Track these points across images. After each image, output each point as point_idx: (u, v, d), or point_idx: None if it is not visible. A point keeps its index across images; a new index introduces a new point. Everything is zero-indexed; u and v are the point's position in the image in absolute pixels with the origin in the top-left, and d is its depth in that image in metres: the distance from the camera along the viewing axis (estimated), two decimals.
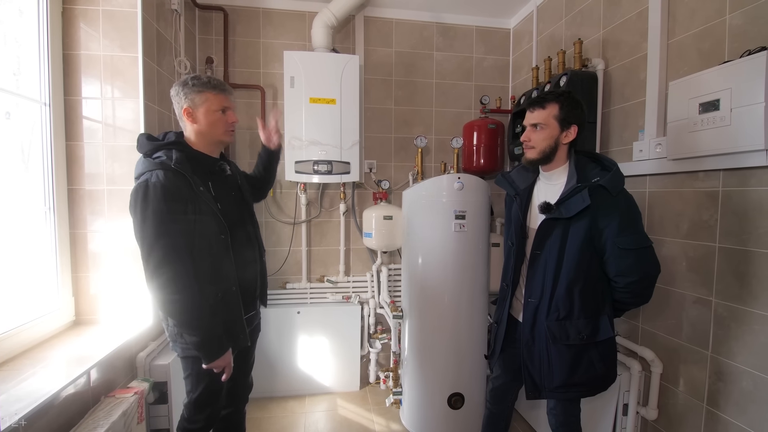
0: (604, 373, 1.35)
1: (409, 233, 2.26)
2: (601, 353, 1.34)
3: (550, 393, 1.38)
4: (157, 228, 1.20)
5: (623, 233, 1.23)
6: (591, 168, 1.31)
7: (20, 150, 1.58)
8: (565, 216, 1.27)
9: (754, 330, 1.34)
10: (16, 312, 1.50)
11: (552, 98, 1.33)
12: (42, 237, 1.65)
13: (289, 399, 2.62)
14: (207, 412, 1.42)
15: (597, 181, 1.24)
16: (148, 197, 1.20)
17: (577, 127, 1.32)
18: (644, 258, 1.26)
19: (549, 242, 1.33)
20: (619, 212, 1.24)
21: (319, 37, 2.49)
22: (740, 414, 1.39)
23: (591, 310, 1.32)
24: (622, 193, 1.26)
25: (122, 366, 1.75)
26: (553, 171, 1.39)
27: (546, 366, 1.36)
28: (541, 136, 1.34)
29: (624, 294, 1.32)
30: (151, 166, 1.25)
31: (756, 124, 1.24)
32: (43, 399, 1.19)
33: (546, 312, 1.34)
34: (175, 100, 1.38)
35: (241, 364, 1.59)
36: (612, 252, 1.26)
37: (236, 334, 1.40)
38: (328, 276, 2.78)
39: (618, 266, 1.27)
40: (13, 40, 1.55)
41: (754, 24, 1.34)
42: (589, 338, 1.31)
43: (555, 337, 1.33)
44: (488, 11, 2.80)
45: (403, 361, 2.34)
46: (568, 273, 1.30)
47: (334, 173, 2.47)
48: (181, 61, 2.26)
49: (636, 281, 1.27)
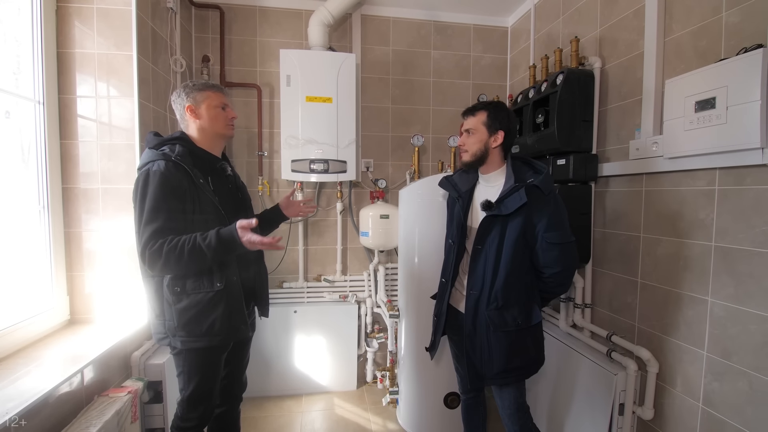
0: (536, 355, 1.51)
1: (405, 232, 2.25)
2: (534, 337, 1.49)
3: (491, 380, 1.50)
4: (151, 211, 1.24)
5: (551, 229, 1.37)
6: (525, 171, 1.46)
7: (20, 149, 1.58)
8: (504, 213, 1.39)
9: (750, 330, 1.34)
10: (11, 311, 1.50)
11: (481, 107, 1.49)
12: (36, 236, 1.64)
13: (286, 398, 2.62)
14: (200, 409, 1.41)
15: (532, 181, 1.37)
16: (147, 184, 1.26)
17: (504, 132, 1.46)
18: (567, 252, 1.41)
19: (489, 238, 1.44)
20: (550, 210, 1.37)
21: (316, 36, 2.48)
22: (736, 414, 1.39)
23: (524, 299, 1.46)
24: (552, 193, 1.39)
25: (117, 365, 1.74)
26: (491, 174, 1.52)
27: (487, 354, 1.47)
28: (472, 140, 1.49)
29: (549, 283, 1.47)
30: (153, 157, 1.30)
31: (752, 122, 1.23)
32: (35, 398, 1.19)
33: (486, 302, 1.45)
34: (177, 102, 1.43)
35: (236, 362, 1.60)
36: (541, 245, 1.40)
37: (237, 324, 1.40)
38: (325, 275, 2.77)
39: (545, 258, 1.41)
40: (12, 39, 1.55)
41: (750, 21, 1.33)
42: (524, 323, 1.45)
43: (495, 325, 1.44)
44: (486, 9, 2.79)
45: (400, 361, 2.34)
46: (506, 266, 1.42)
47: (330, 172, 2.47)
48: (177, 59, 2.25)
49: (559, 272, 1.42)
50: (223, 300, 1.35)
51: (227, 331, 1.37)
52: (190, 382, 1.39)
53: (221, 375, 1.48)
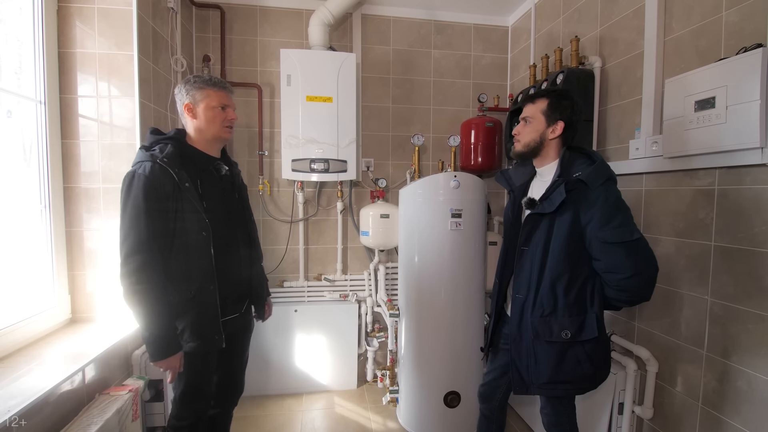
0: (593, 372, 1.32)
1: (406, 232, 2.26)
2: (588, 352, 1.31)
3: (537, 389, 1.37)
4: (132, 219, 1.24)
5: (605, 227, 1.20)
6: (578, 163, 1.30)
7: (22, 148, 1.58)
8: (547, 211, 1.27)
9: (749, 329, 1.34)
10: (12, 309, 1.51)
11: (542, 94, 1.36)
12: (38, 235, 1.65)
13: (286, 397, 2.62)
14: (193, 408, 1.40)
15: (578, 175, 1.24)
16: (131, 188, 1.25)
17: (563, 123, 1.32)
18: (634, 252, 1.19)
19: (535, 238, 1.33)
20: (600, 205, 1.20)
21: (316, 35, 2.48)
22: (735, 413, 1.39)
23: (577, 308, 1.30)
24: (603, 186, 1.22)
25: (118, 364, 1.75)
26: (545, 167, 1.40)
27: (533, 362, 1.35)
28: (527, 129, 1.37)
29: (618, 292, 1.26)
30: (142, 158, 1.30)
31: (751, 121, 1.23)
32: (37, 396, 1.20)
33: (531, 308, 1.34)
34: (178, 97, 1.41)
35: (228, 365, 1.56)
36: (597, 247, 1.23)
37: (209, 334, 1.35)
38: (325, 274, 2.78)
39: (606, 262, 1.23)
40: (14, 38, 1.55)
41: (750, 21, 1.33)
42: (574, 336, 1.29)
43: (538, 334, 1.32)
44: (486, 9, 2.78)
45: (400, 360, 2.34)
46: (551, 269, 1.30)
47: (331, 171, 2.47)
48: (178, 59, 2.26)
49: (627, 278, 1.21)
50: (193, 309, 1.33)
51: (198, 340, 1.33)
52: (180, 381, 1.38)
53: (212, 376, 1.46)
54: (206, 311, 1.35)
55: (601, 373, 1.36)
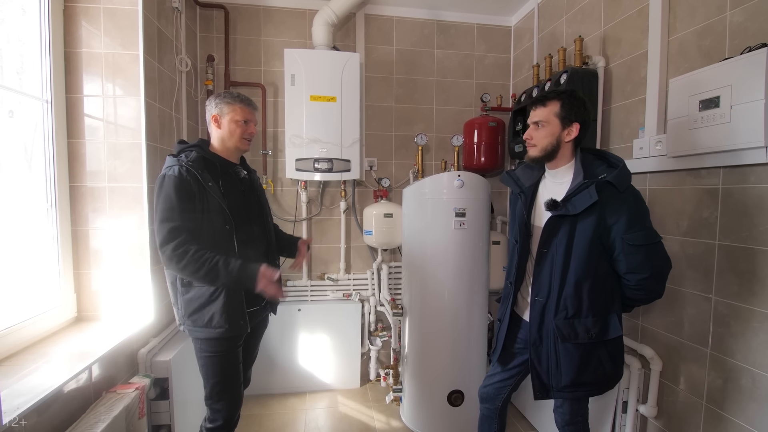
0: (612, 371, 1.35)
1: (409, 231, 2.26)
2: (610, 352, 1.33)
3: (558, 393, 1.37)
4: (166, 212, 1.38)
5: (632, 229, 1.22)
6: (597, 165, 1.31)
7: (23, 148, 1.59)
8: (572, 213, 1.26)
9: (753, 327, 1.34)
10: (19, 308, 1.51)
11: (553, 96, 1.33)
12: (44, 234, 1.66)
13: (290, 396, 2.63)
14: (226, 401, 1.50)
15: (604, 177, 1.23)
16: (162, 187, 1.40)
17: (579, 125, 1.31)
18: (654, 254, 1.24)
19: (556, 240, 1.31)
20: (628, 208, 1.23)
21: (320, 35, 2.49)
22: (739, 412, 1.39)
23: (600, 308, 1.31)
24: (629, 189, 1.25)
25: (124, 362, 1.76)
26: (559, 169, 1.38)
27: (554, 365, 1.35)
28: (543, 133, 1.34)
29: (636, 291, 1.30)
30: (170, 163, 1.45)
31: (756, 121, 1.24)
32: (45, 394, 1.20)
33: (554, 311, 1.33)
34: (208, 108, 1.56)
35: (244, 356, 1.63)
36: (621, 249, 1.24)
37: (235, 320, 1.47)
38: (328, 274, 2.78)
39: (628, 263, 1.25)
40: (16, 38, 1.56)
41: (754, 20, 1.33)
42: (598, 336, 1.30)
43: (564, 336, 1.31)
44: (489, 9, 2.79)
45: (404, 359, 2.35)
46: (576, 271, 1.29)
47: (334, 171, 2.48)
48: (182, 59, 2.27)
49: (647, 278, 1.25)
50: (221, 295, 1.44)
51: (226, 324, 1.44)
52: (208, 373, 1.49)
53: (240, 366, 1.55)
54: (232, 299, 1.46)
55: (618, 372, 1.38)
